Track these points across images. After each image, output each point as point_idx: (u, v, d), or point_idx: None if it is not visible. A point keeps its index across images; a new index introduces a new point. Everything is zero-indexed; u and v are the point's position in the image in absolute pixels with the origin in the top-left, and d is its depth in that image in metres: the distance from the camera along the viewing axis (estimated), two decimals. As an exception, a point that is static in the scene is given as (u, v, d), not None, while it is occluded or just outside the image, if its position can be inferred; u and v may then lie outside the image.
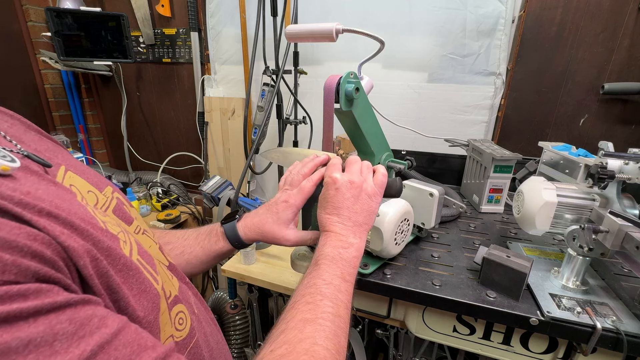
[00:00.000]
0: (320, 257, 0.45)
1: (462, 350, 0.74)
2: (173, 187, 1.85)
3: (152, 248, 0.39)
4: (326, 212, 0.50)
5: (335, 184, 0.49)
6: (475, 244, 0.76)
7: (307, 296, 0.40)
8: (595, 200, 0.59)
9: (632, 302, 0.55)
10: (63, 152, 0.37)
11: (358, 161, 0.53)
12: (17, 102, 1.73)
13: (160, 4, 1.60)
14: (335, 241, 0.47)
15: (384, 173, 0.53)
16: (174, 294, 0.36)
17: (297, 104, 1.41)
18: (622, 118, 1.15)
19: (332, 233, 0.48)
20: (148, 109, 1.91)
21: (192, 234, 0.58)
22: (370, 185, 0.51)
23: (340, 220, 0.48)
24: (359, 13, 1.33)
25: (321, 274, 0.43)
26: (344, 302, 0.41)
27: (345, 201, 0.49)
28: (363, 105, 0.62)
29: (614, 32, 1.09)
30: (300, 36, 0.64)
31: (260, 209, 0.56)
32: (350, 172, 0.51)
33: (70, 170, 0.34)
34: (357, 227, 0.49)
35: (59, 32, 1.44)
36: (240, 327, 1.50)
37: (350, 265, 0.45)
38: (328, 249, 0.46)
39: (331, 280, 0.42)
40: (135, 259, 0.30)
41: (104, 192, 0.37)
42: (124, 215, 0.38)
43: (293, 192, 0.54)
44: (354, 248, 0.47)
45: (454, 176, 1.17)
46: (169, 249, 0.56)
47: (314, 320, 0.37)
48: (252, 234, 0.55)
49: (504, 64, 1.24)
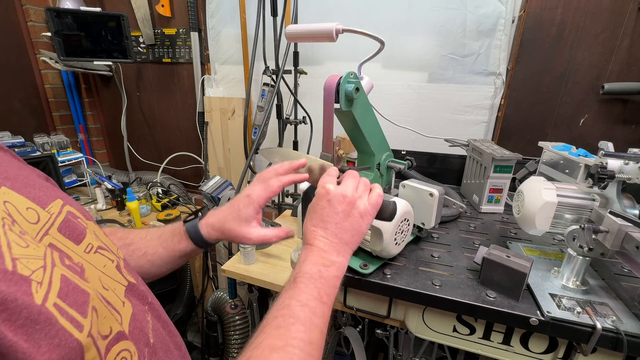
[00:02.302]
0: (299, 274, 0.43)
1: (462, 350, 0.74)
2: (173, 187, 1.85)
3: (107, 267, 0.35)
4: (312, 224, 0.47)
5: (327, 196, 0.47)
6: (475, 244, 0.76)
7: (280, 318, 0.38)
8: (595, 200, 0.59)
9: (632, 302, 0.55)
10: (4, 163, 0.33)
11: (356, 176, 0.51)
12: (17, 102, 1.74)
13: (160, 4, 1.60)
14: (317, 257, 0.44)
15: (380, 194, 0.51)
16: (116, 330, 0.31)
17: (297, 104, 1.41)
18: (622, 118, 1.15)
19: (314, 248, 0.45)
20: (148, 109, 1.91)
21: (155, 234, 0.56)
22: (364, 204, 0.48)
23: (325, 235, 0.46)
24: (359, 13, 1.33)
25: (298, 293, 0.40)
26: (318, 326, 0.39)
27: (335, 215, 0.46)
28: (363, 105, 0.62)
29: (614, 32, 1.09)
30: (300, 36, 0.64)
31: (224, 206, 0.54)
32: (346, 186, 0.48)
33: (6, 186, 0.30)
34: (342, 245, 0.46)
35: (59, 32, 1.44)
36: (240, 327, 1.50)
37: (329, 285, 0.43)
38: (308, 265, 0.44)
39: (307, 302, 0.40)
40: (51, 303, 0.25)
41: (48, 208, 0.33)
42: (74, 232, 0.34)
43: (258, 187, 0.52)
44: (335, 267, 0.44)
45: (454, 176, 1.17)
46: (131, 250, 0.53)
47: (282, 348, 0.35)
48: (215, 233, 0.53)
49: (504, 64, 1.24)
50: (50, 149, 1.61)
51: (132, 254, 0.53)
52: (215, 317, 1.58)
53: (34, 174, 0.37)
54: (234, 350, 1.52)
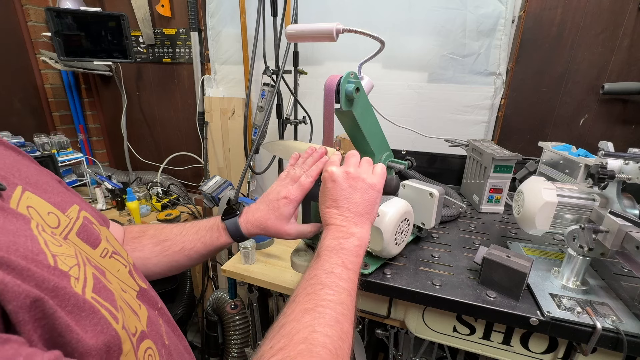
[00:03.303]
0: (322, 249, 0.45)
1: (462, 350, 0.74)
2: (173, 187, 1.85)
3: (120, 272, 0.37)
4: (326, 206, 0.50)
5: (332, 177, 0.49)
6: (475, 244, 0.76)
7: (308, 287, 0.39)
8: (595, 200, 0.59)
9: (632, 302, 0.55)
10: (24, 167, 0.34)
11: (356, 155, 0.53)
12: (17, 102, 1.74)
13: (160, 4, 1.60)
14: (336, 232, 0.46)
15: (383, 166, 0.53)
16: (140, 329, 0.32)
17: (297, 104, 1.41)
18: (622, 118, 1.15)
19: (332, 226, 0.48)
20: (148, 109, 1.91)
21: (190, 229, 0.58)
22: (370, 176, 0.50)
23: (339, 212, 0.48)
24: (359, 13, 1.33)
25: (322, 264, 0.42)
26: (346, 289, 0.40)
27: (343, 192, 0.48)
28: (363, 105, 0.62)
29: (614, 32, 1.09)
30: (301, 36, 0.64)
31: (261, 204, 0.57)
32: (347, 165, 0.51)
33: (29, 190, 0.31)
34: (358, 217, 0.48)
35: (59, 32, 1.44)
36: (240, 327, 1.50)
37: (352, 254, 0.44)
38: (328, 240, 0.46)
39: (332, 269, 0.41)
40: (89, 297, 0.27)
41: (67, 213, 0.34)
42: (90, 237, 0.35)
43: (292, 188, 0.55)
44: (355, 237, 0.46)
45: (454, 176, 1.17)
46: (167, 246, 0.56)
47: (313, 309, 0.36)
48: (254, 229, 0.56)
49: (504, 64, 1.24)
50: (50, 149, 1.61)
51: (168, 249, 0.56)
52: (215, 317, 1.58)
53: (51, 178, 0.38)
54: (234, 350, 1.52)
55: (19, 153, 0.36)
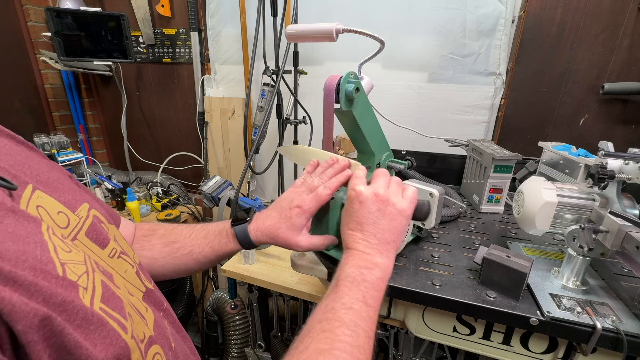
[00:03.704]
0: (341, 277, 0.41)
1: (462, 350, 0.73)
2: (173, 187, 1.85)
3: (127, 273, 0.36)
4: (349, 228, 0.46)
5: (359, 197, 0.46)
6: (475, 244, 0.76)
7: (324, 322, 0.37)
8: (595, 200, 0.59)
9: (632, 302, 0.55)
10: (35, 164, 0.34)
11: (387, 174, 0.49)
12: (17, 102, 1.74)
13: (160, 4, 1.60)
14: (358, 260, 0.43)
15: (415, 189, 0.49)
16: (148, 335, 0.32)
17: (297, 104, 1.41)
18: (622, 118, 1.15)
19: (354, 251, 0.44)
20: (148, 109, 1.91)
21: (200, 233, 0.56)
22: (400, 200, 0.46)
23: (364, 237, 0.44)
24: (359, 13, 1.33)
25: (341, 296, 0.39)
26: (364, 330, 0.37)
27: (370, 215, 0.45)
28: (363, 105, 0.62)
29: (614, 32, 1.09)
30: (300, 36, 0.64)
31: (272, 211, 0.54)
32: (376, 185, 0.47)
33: (39, 189, 0.31)
34: (383, 245, 0.44)
35: (59, 32, 1.44)
36: (240, 327, 1.50)
37: (373, 288, 0.41)
38: (350, 268, 0.42)
39: (351, 304, 0.38)
40: (97, 308, 0.26)
41: (77, 212, 0.34)
42: (99, 237, 0.35)
43: (308, 198, 0.51)
44: (379, 269, 0.43)
45: (454, 176, 1.17)
46: (176, 248, 0.54)
47: (328, 352, 0.34)
48: (263, 238, 0.53)
49: (504, 64, 1.24)
50: (50, 149, 1.61)
51: (176, 251, 0.54)
52: (215, 317, 1.58)
53: (62, 175, 0.37)
54: (234, 350, 1.52)
55: (30, 148, 0.36)
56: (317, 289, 1.06)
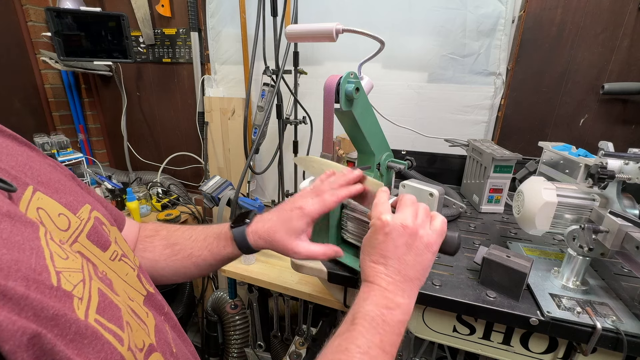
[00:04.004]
0: (359, 314, 0.38)
1: (462, 350, 0.74)
2: (173, 187, 1.85)
3: (129, 276, 0.35)
4: (371, 260, 0.43)
5: (384, 228, 0.42)
6: (475, 244, 0.76)
7: None
8: (595, 200, 0.59)
9: (632, 302, 0.55)
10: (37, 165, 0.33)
11: (414, 202, 0.45)
12: (17, 102, 1.74)
13: (160, 4, 1.60)
14: (380, 298, 0.40)
15: (444, 220, 0.45)
16: (148, 343, 0.31)
17: (297, 104, 1.41)
18: (622, 118, 1.15)
19: (376, 287, 0.41)
20: (148, 109, 1.91)
21: (200, 235, 0.54)
22: (427, 233, 0.42)
23: (387, 273, 0.41)
24: (359, 13, 1.33)
25: (356, 338, 0.36)
26: None
27: (396, 250, 0.41)
28: (363, 105, 0.62)
29: (614, 32, 1.09)
30: (300, 36, 0.64)
31: (273, 214, 0.51)
32: (404, 214, 0.43)
33: (40, 191, 0.30)
34: (406, 283, 0.41)
35: (59, 32, 1.44)
36: (240, 327, 1.50)
37: (393, 332, 0.38)
38: (369, 305, 0.39)
39: (367, 349, 0.36)
40: (92, 320, 0.25)
41: (78, 214, 0.33)
42: (101, 239, 0.34)
43: (312, 200, 0.48)
44: (400, 310, 0.39)
45: (454, 176, 1.17)
46: (176, 250, 0.53)
47: None
48: (261, 242, 0.50)
49: (504, 64, 1.24)
50: (50, 149, 1.61)
51: (177, 254, 0.52)
52: (215, 317, 1.58)
53: (64, 175, 0.37)
54: (234, 350, 1.52)
55: (32, 149, 0.35)
56: (317, 289, 1.06)
